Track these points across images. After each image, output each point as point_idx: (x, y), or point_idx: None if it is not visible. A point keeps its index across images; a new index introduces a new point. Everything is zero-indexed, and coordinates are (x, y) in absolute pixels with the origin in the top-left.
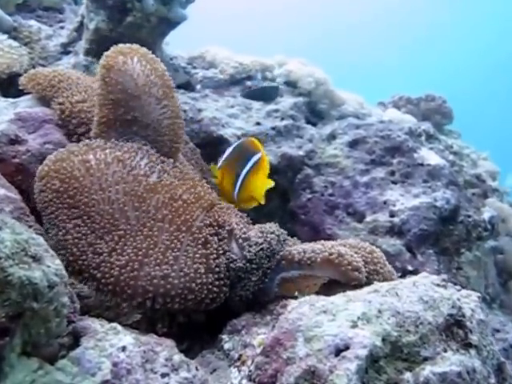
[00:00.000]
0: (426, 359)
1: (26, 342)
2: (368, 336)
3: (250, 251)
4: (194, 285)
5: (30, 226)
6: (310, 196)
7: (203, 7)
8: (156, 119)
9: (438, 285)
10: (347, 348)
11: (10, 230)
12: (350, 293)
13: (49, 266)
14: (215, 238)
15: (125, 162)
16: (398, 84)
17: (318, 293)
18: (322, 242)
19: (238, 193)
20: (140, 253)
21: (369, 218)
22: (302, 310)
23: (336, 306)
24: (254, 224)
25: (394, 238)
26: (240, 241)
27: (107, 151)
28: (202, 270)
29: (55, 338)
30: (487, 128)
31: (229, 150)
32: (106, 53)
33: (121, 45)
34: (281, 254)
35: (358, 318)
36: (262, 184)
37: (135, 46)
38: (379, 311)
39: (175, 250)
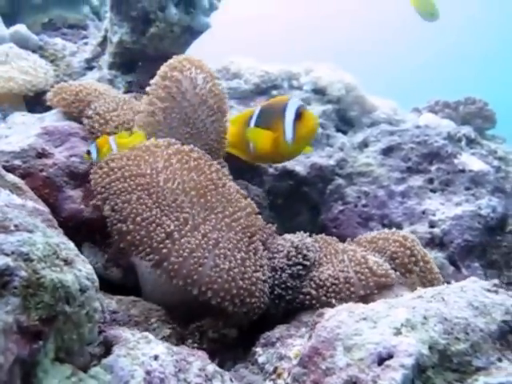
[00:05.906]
0: (478, 369)
1: (59, 347)
2: (413, 344)
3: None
4: (254, 288)
5: None
6: (342, 208)
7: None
8: (206, 129)
9: (488, 290)
10: (391, 357)
11: (41, 233)
12: (391, 299)
13: (80, 270)
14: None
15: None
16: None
17: None
18: (343, 267)
19: (293, 138)
20: (211, 242)
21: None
22: (341, 317)
23: (377, 313)
24: None
25: (435, 251)
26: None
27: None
28: (262, 278)
29: (87, 344)
30: None
31: (257, 110)
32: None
33: (183, 56)
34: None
35: (402, 324)
36: (310, 127)
37: (200, 59)
38: (424, 317)
39: (241, 251)
